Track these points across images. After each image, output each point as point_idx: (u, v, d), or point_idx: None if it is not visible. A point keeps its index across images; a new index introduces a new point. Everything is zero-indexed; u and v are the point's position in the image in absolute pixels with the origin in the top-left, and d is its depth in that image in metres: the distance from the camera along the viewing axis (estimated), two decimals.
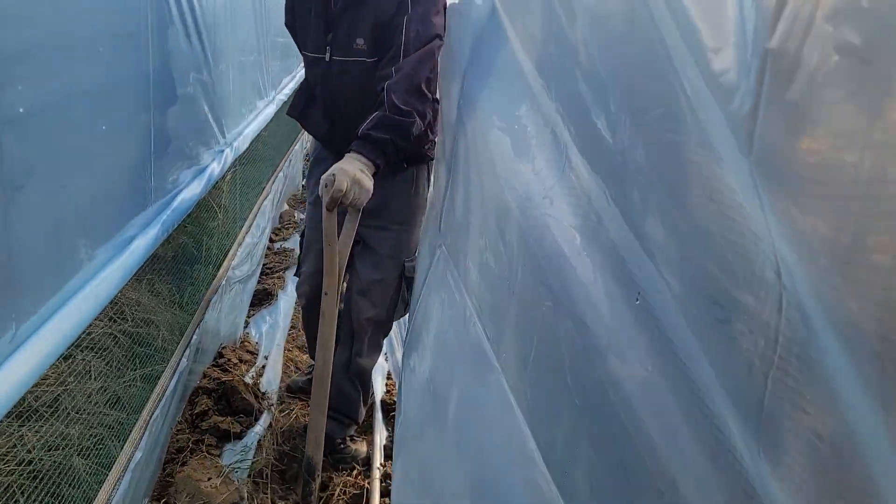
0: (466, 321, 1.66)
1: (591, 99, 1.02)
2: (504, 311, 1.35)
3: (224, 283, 2.70)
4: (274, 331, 3.26)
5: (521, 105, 1.45)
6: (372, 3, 1.99)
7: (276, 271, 3.94)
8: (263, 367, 2.97)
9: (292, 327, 3.38)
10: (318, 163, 2.39)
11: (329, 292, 2.02)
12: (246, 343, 3.12)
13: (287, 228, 4.70)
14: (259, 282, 3.71)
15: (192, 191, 2.10)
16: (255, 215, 3.30)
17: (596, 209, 0.93)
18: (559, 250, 1.08)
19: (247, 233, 3.06)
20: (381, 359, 3.19)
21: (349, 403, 2.46)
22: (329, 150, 2.31)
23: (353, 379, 2.41)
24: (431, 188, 2.35)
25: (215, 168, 2.34)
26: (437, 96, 2.19)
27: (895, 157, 0.53)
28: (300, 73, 4.42)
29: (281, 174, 4.51)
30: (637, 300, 0.80)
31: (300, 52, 2.24)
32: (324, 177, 1.91)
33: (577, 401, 0.98)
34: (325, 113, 2.19)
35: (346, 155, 1.95)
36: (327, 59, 2.08)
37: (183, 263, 2.64)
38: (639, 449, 0.84)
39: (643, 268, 0.81)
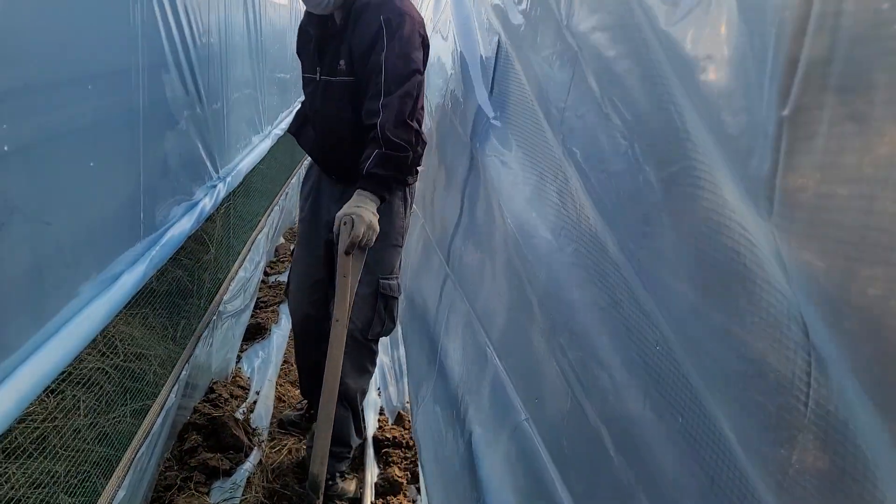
0: (487, 364, 1.62)
1: (608, 148, 1.01)
2: (525, 355, 1.32)
3: (215, 318, 2.69)
4: (266, 366, 3.25)
5: (533, 147, 1.46)
6: (351, 32, 2.17)
7: (270, 305, 3.93)
8: (255, 402, 2.95)
9: (285, 362, 3.36)
10: (308, 179, 2.56)
11: (340, 319, 2.09)
12: (238, 378, 3.10)
13: (282, 262, 4.70)
14: (252, 315, 3.70)
15: (183, 226, 2.10)
16: (249, 249, 3.31)
17: (611, 257, 0.92)
18: (576, 301, 1.06)
19: (240, 267, 3.06)
20: (373, 393, 3.18)
21: (339, 425, 2.40)
22: (316, 161, 2.49)
23: (340, 398, 2.36)
24: (410, 211, 2.37)
25: (207, 203, 2.35)
26: (423, 127, 2.32)
27: None
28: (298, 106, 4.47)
29: (277, 207, 4.52)
30: (657, 347, 0.79)
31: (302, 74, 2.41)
32: (340, 216, 2.07)
33: (608, 446, 0.96)
34: (314, 127, 2.37)
35: (357, 194, 2.10)
36: (317, 78, 2.28)
37: (177, 297, 2.63)
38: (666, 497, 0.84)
39: (663, 318, 0.81)
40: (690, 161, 0.79)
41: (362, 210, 2.04)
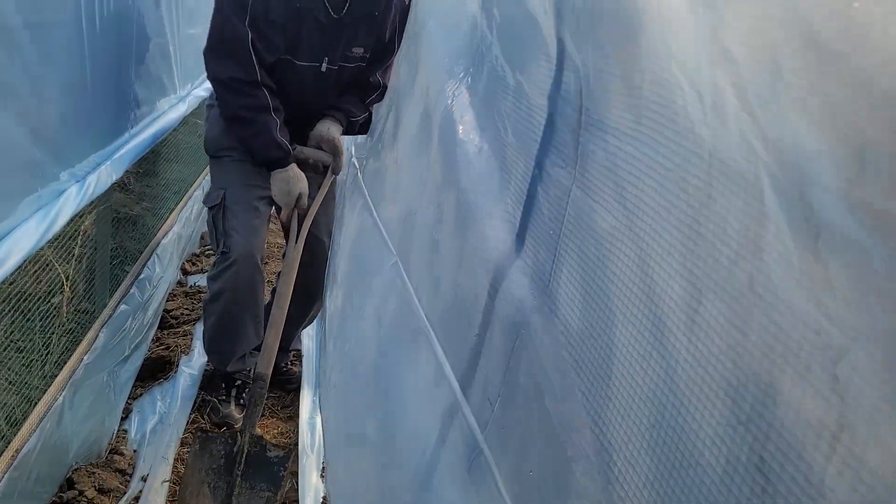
0: None
1: None
2: None
3: (63, 395, 1.74)
4: (163, 430, 2.31)
5: None
6: (378, 21, 2.21)
7: (184, 323, 2.96)
8: (138, 497, 2.03)
9: (193, 423, 2.42)
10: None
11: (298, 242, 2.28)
12: (118, 452, 2.16)
13: (208, 255, 3.71)
14: (156, 339, 2.75)
15: None
16: (143, 266, 2.34)
17: None
18: None
19: (122, 299, 2.10)
20: (313, 475, 2.29)
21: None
22: None
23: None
24: None
25: (39, 227, 1.39)
26: None
27: None
28: None
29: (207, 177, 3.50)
30: None
31: (259, 59, 2.10)
32: (333, 137, 2.31)
33: None
34: (287, 108, 2.25)
35: (331, 121, 2.33)
36: (323, 68, 2.22)
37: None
38: None
39: None
40: None
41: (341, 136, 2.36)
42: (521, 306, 0.95)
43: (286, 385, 2.72)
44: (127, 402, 2.40)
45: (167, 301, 2.97)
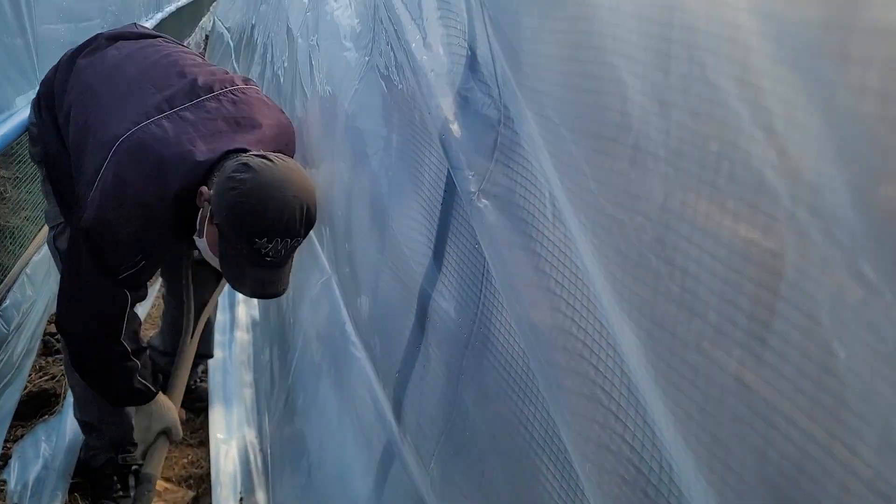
0: None
1: None
2: None
3: None
4: (48, 476, 2.00)
5: None
6: None
7: None
8: None
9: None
10: None
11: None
12: None
13: None
14: (37, 368, 2.42)
15: None
16: (7, 291, 2.02)
17: None
18: None
19: None
20: None
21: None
22: None
23: None
24: None
25: None
26: None
27: None
28: None
29: None
30: None
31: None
32: None
33: None
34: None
35: None
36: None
37: None
38: None
39: None
40: None
41: None
42: None
43: (195, 404, 2.46)
44: (5, 447, 2.09)
45: (49, 323, 2.63)
